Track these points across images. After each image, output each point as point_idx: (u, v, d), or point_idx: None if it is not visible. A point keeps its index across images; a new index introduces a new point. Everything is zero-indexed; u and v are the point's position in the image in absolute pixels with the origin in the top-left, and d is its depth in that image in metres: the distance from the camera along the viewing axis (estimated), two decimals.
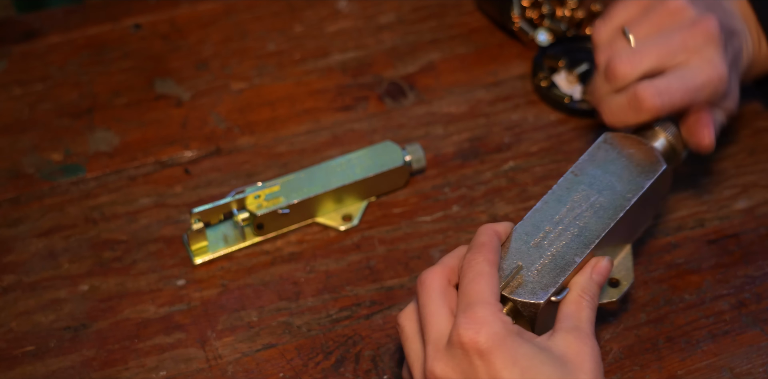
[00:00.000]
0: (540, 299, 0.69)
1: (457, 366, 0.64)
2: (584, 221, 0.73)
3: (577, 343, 0.65)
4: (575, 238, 0.72)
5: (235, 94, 0.98)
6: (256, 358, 0.80)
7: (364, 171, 0.88)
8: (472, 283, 0.66)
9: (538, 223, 0.73)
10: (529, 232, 0.73)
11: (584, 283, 0.70)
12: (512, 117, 0.96)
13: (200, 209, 0.84)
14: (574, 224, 0.73)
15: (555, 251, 0.72)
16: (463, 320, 0.63)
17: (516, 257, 0.71)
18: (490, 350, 0.62)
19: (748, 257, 0.85)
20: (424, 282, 0.68)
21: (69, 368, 0.79)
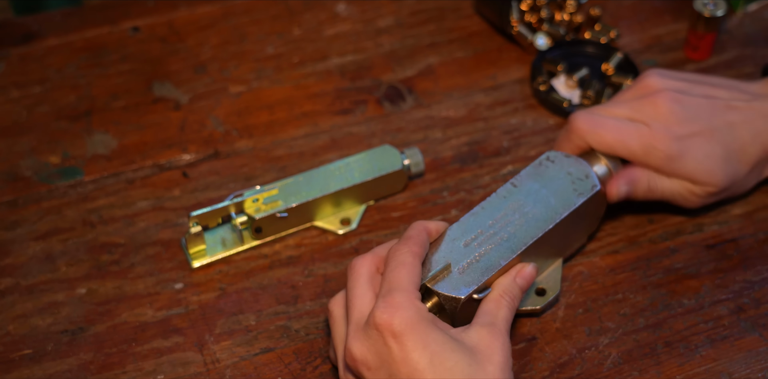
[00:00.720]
0: (461, 294, 0.74)
1: (372, 346, 0.68)
2: (514, 228, 0.78)
3: (490, 337, 0.70)
4: (504, 243, 0.77)
5: (234, 97, 0.98)
6: (254, 362, 0.80)
7: (363, 175, 0.88)
8: (394, 271, 0.71)
9: (471, 225, 0.78)
10: (462, 233, 0.77)
11: (507, 284, 0.75)
12: (511, 121, 0.96)
13: (198, 213, 0.84)
14: (505, 230, 0.78)
15: (483, 252, 0.76)
16: (381, 304, 0.68)
17: (446, 254, 0.76)
18: (403, 333, 0.67)
19: (746, 262, 0.85)
20: (353, 268, 0.73)
21: (66, 372, 0.79)
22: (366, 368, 0.68)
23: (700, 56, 1.00)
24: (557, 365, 0.79)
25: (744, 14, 1.04)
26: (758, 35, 1.02)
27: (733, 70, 0.99)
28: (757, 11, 1.04)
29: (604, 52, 0.99)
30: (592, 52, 1.00)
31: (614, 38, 1.01)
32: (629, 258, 0.85)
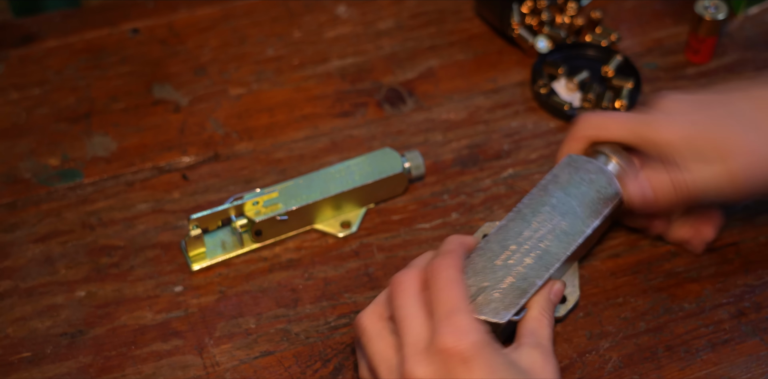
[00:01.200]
0: (502, 319, 0.73)
1: (437, 371, 0.65)
2: (546, 243, 0.77)
3: (542, 359, 0.69)
4: (538, 260, 0.76)
5: (234, 99, 0.98)
6: (254, 365, 0.79)
7: (363, 178, 0.88)
8: (446, 289, 0.68)
9: (503, 241, 0.77)
10: (495, 250, 0.76)
11: (544, 303, 0.74)
12: (511, 124, 0.96)
13: (198, 215, 0.84)
14: (537, 247, 0.77)
15: (518, 272, 0.75)
16: (447, 328, 0.66)
17: (481, 274, 0.75)
18: (472, 358, 0.65)
19: (747, 266, 0.85)
20: (399, 285, 0.70)
21: (65, 375, 0.79)
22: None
23: (700, 60, 1.00)
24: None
25: (745, 17, 1.04)
26: (759, 39, 1.02)
27: (734, 74, 0.99)
28: (759, 15, 1.04)
29: (604, 55, 0.99)
30: (592, 55, 1.00)
31: (615, 41, 1.00)
32: (630, 262, 0.85)
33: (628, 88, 0.96)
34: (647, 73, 0.99)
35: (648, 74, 0.99)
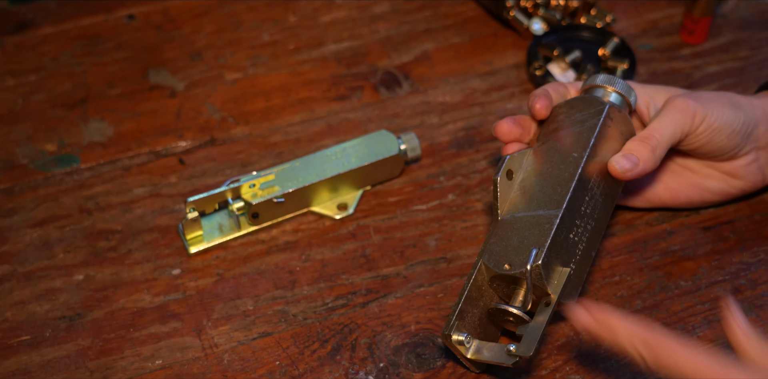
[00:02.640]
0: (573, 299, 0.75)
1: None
2: (597, 212, 0.77)
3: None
4: (592, 232, 0.76)
5: (230, 84, 0.98)
6: (252, 346, 0.80)
7: (360, 160, 0.88)
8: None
9: (572, 214, 0.75)
10: (567, 224, 0.75)
11: None
12: (507, 106, 0.96)
13: (195, 198, 0.84)
14: (592, 216, 0.76)
15: (582, 248, 0.76)
16: None
17: (561, 251, 0.74)
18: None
19: (743, 244, 0.85)
20: None
21: (65, 358, 0.79)
22: None
23: (695, 40, 1.00)
24: (555, 347, 0.79)
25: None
26: (754, 19, 1.02)
27: (729, 54, 0.99)
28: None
29: (599, 37, 0.99)
30: (587, 36, 1.00)
31: (610, 23, 1.01)
32: (626, 241, 0.86)
33: (622, 68, 0.96)
34: (642, 54, 0.99)
35: (643, 55, 0.99)
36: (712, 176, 0.84)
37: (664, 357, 0.61)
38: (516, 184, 0.77)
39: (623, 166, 0.76)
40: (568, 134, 0.78)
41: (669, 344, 0.62)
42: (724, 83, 0.97)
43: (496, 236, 0.75)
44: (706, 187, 0.84)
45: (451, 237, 0.86)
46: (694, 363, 0.61)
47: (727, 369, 0.60)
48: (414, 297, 0.82)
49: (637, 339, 0.62)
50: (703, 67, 0.98)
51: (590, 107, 0.78)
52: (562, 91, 0.82)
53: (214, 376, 0.78)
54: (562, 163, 0.76)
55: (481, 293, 0.76)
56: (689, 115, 0.78)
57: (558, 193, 0.75)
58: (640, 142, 0.77)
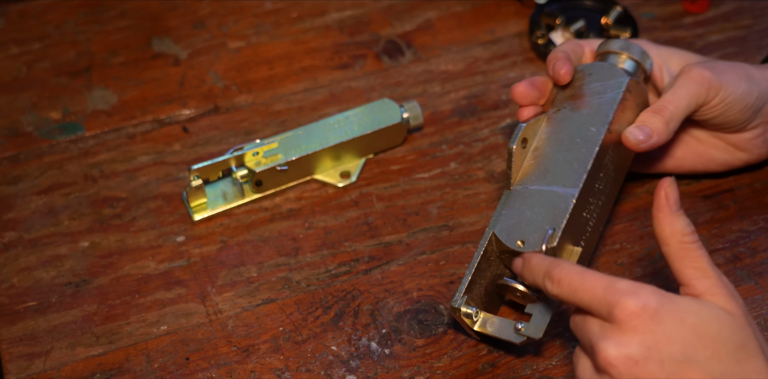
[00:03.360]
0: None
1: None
2: (609, 186, 0.77)
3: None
4: (602, 207, 0.76)
5: (233, 52, 0.98)
6: (256, 312, 0.81)
7: (362, 128, 0.88)
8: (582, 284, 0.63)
9: (587, 192, 0.74)
10: (582, 203, 0.74)
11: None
12: (509, 75, 0.96)
13: (199, 166, 0.85)
14: (604, 192, 0.76)
15: (593, 224, 0.75)
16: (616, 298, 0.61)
17: (574, 229, 0.73)
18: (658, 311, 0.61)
19: (743, 212, 0.86)
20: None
21: (71, 323, 0.80)
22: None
23: (698, 9, 1.00)
24: (555, 314, 0.80)
25: None
26: None
27: (731, 23, 0.99)
28: None
29: (602, 6, 0.99)
30: (590, 5, 1.00)
31: None
32: (626, 209, 0.86)
33: (625, 37, 0.96)
34: (644, 23, 0.99)
35: (645, 24, 0.99)
36: (718, 147, 0.84)
37: (562, 285, 0.63)
38: (529, 151, 0.77)
39: (637, 138, 0.75)
40: (586, 104, 0.77)
41: (567, 272, 0.63)
42: (726, 52, 0.97)
43: (509, 207, 0.75)
44: (711, 158, 0.84)
45: (453, 205, 0.87)
46: (585, 285, 0.62)
47: (612, 282, 0.61)
48: (416, 264, 0.83)
49: (545, 272, 0.65)
50: (705, 36, 0.98)
51: (610, 78, 0.77)
52: (579, 52, 0.81)
53: (218, 341, 0.79)
54: (579, 137, 0.75)
55: (489, 264, 0.76)
56: (704, 86, 0.77)
57: (575, 170, 0.74)
58: (654, 114, 0.77)
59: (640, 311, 0.60)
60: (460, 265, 0.83)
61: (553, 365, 0.77)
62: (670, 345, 0.59)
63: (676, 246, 0.64)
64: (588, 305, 0.62)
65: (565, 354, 0.78)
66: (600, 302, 0.61)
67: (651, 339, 0.59)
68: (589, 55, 0.82)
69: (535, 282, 0.66)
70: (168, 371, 0.77)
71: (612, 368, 0.59)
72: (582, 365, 0.63)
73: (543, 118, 0.78)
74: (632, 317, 0.60)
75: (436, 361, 0.78)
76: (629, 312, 0.60)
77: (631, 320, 0.60)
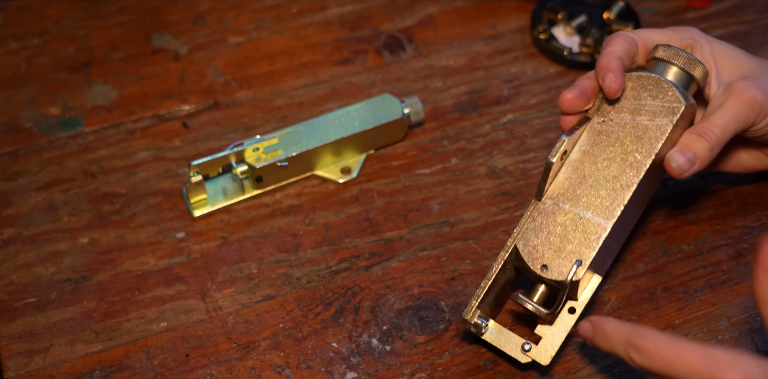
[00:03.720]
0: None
1: None
2: (635, 211, 0.74)
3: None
4: (626, 229, 0.74)
5: (233, 48, 0.98)
6: (256, 309, 0.80)
7: (363, 124, 0.88)
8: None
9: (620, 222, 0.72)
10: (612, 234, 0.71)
11: None
12: (511, 70, 0.96)
13: (199, 162, 0.84)
14: (632, 217, 0.74)
15: (614, 248, 0.74)
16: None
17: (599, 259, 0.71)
18: None
19: (746, 208, 0.85)
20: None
21: (70, 320, 0.80)
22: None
23: (701, 4, 1.00)
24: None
25: None
26: None
27: (734, 18, 0.99)
28: None
29: (604, 1, 0.99)
30: (592, 0, 0.99)
31: None
32: None
33: None
34: (647, 18, 0.99)
35: (647, 19, 0.99)
36: (750, 153, 0.82)
37: (652, 356, 0.60)
38: (565, 162, 0.73)
39: (681, 167, 0.72)
40: (635, 123, 0.73)
41: (656, 342, 0.61)
42: None
43: (536, 221, 0.72)
44: (740, 162, 0.83)
45: (455, 201, 0.86)
46: (681, 357, 0.59)
47: (711, 355, 0.59)
48: (417, 260, 0.83)
49: (626, 341, 0.62)
50: (708, 31, 0.98)
51: (665, 99, 0.72)
52: (632, 51, 0.75)
53: (218, 338, 0.79)
54: (622, 161, 0.72)
55: (504, 272, 0.75)
56: (755, 111, 0.74)
57: (612, 200, 0.71)
58: (699, 138, 0.73)
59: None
60: (461, 261, 0.82)
61: (555, 361, 0.77)
62: None
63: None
64: (686, 374, 0.59)
65: (567, 351, 0.77)
66: (702, 376, 0.58)
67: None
68: (642, 53, 0.76)
69: (614, 351, 0.63)
70: (168, 368, 0.77)
71: None
72: None
73: (585, 129, 0.74)
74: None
75: (437, 358, 0.77)
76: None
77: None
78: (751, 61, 0.78)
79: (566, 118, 0.75)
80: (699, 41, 0.77)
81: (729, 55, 0.78)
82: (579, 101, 0.74)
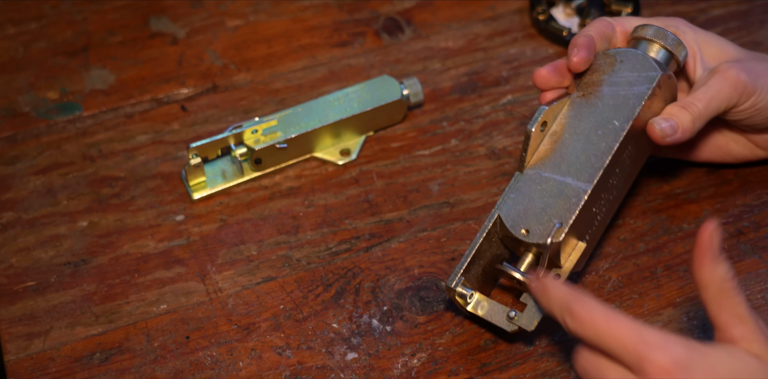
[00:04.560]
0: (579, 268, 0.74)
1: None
2: (623, 181, 0.75)
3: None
4: (612, 202, 0.75)
5: (231, 31, 0.97)
6: (256, 291, 0.80)
7: (362, 105, 0.87)
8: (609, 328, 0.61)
9: (601, 188, 0.73)
10: (594, 199, 0.72)
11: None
12: (510, 51, 0.95)
13: (198, 144, 0.84)
14: (617, 187, 0.75)
15: (600, 219, 0.74)
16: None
17: (581, 224, 0.72)
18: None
19: (746, 186, 0.85)
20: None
21: (70, 303, 0.79)
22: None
23: None
24: None
25: None
26: None
27: None
28: None
29: None
30: None
31: None
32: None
33: (627, 12, 0.95)
34: None
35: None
36: (739, 142, 0.82)
37: (584, 325, 0.60)
38: (547, 135, 0.75)
39: (664, 130, 0.73)
40: (613, 94, 0.74)
41: (591, 311, 0.60)
42: (728, 26, 0.96)
43: (518, 191, 0.73)
44: (730, 152, 0.83)
45: (454, 182, 0.86)
46: (612, 330, 0.59)
47: (641, 333, 0.59)
48: (417, 241, 0.82)
49: (563, 305, 0.62)
50: (707, 11, 0.97)
51: (641, 69, 0.74)
52: (608, 33, 0.77)
53: (218, 320, 0.78)
54: (601, 129, 0.73)
55: (490, 244, 0.75)
56: (738, 90, 0.74)
57: (591, 164, 0.72)
58: (682, 109, 0.74)
59: (671, 367, 0.57)
60: (461, 242, 0.82)
61: (556, 341, 0.77)
62: None
63: (715, 292, 0.61)
64: (613, 352, 0.59)
65: None
66: (628, 353, 0.58)
67: None
68: (621, 37, 0.78)
69: (552, 313, 0.63)
70: (168, 350, 0.77)
71: None
72: None
73: (566, 102, 0.75)
74: (663, 373, 0.57)
75: (437, 338, 0.77)
76: (660, 367, 0.57)
77: (661, 375, 0.57)
78: (737, 49, 0.79)
79: (545, 95, 0.76)
80: (682, 28, 0.78)
81: (714, 42, 0.79)
82: (552, 77, 0.75)
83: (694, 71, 0.78)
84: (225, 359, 0.76)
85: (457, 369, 0.75)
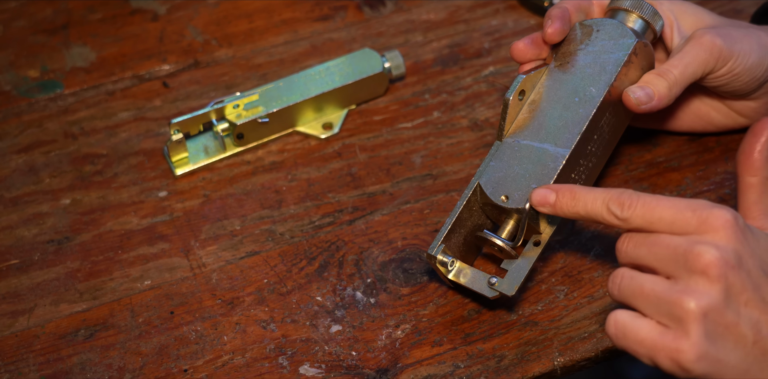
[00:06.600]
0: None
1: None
2: (602, 149, 0.76)
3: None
4: (592, 169, 0.75)
5: (212, 6, 0.97)
6: (240, 265, 0.80)
7: (344, 78, 0.87)
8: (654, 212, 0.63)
9: (579, 154, 0.73)
10: (572, 164, 0.73)
11: None
12: (492, 22, 0.95)
13: (179, 120, 0.84)
14: (596, 154, 0.75)
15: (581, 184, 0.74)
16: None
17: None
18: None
19: (728, 154, 0.85)
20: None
21: (54, 280, 0.80)
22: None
23: None
24: (540, 260, 0.79)
25: None
26: None
27: None
28: None
29: None
30: None
31: None
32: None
33: None
34: None
35: None
36: (720, 111, 0.82)
37: (634, 207, 0.62)
38: (525, 104, 0.75)
39: (639, 98, 0.73)
40: (590, 62, 0.75)
41: (638, 195, 0.62)
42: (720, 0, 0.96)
43: (498, 159, 0.74)
44: (711, 121, 0.83)
45: (437, 154, 0.86)
46: (664, 203, 0.61)
47: (692, 201, 0.61)
48: (400, 214, 0.83)
49: (605, 199, 0.63)
50: None
51: (617, 37, 0.75)
52: (584, 6, 0.78)
53: (202, 295, 0.79)
54: (578, 96, 0.74)
55: (471, 213, 0.76)
56: (714, 55, 0.74)
57: (569, 130, 0.73)
58: (658, 76, 0.74)
59: (733, 221, 0.60)
60: (444, 213, 0.82)
61: (539, 309, 0.77)
62: (754, 259, 0.60)
63: (763, 179, 0.65)
64: (671, 220, 0.61)
65: (550, 299, 0.77)
66: (688, 215, 0.60)
67: (741, 249, 0.60)
68: (598, 9, 0.78)
69: (587, 211, 0.64)
70: (153, 326, 0.77)
71: (713, 268, 0.59)
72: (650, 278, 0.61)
73: (544, 71, 0.76)
74: (728, 225, 0.60)
75: (421, 309, 0.77)
76: (725, 220, 0.60)
77: (726, 228, 0.60)
78: (714, 16, 0.79)
79: (524, 67, 0.77)
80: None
81: (690, 11, 0.79)
82: (529, 49, 0.76)
83: (672, 40, 0.78)
84: (210, 333, 0.76)
85: (441, 340, 0.76)
